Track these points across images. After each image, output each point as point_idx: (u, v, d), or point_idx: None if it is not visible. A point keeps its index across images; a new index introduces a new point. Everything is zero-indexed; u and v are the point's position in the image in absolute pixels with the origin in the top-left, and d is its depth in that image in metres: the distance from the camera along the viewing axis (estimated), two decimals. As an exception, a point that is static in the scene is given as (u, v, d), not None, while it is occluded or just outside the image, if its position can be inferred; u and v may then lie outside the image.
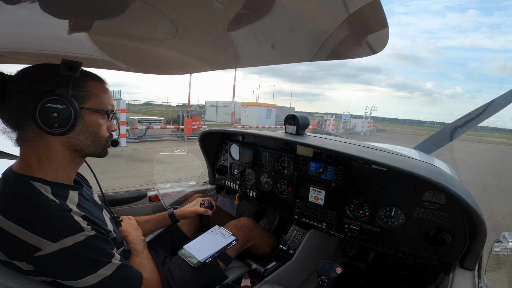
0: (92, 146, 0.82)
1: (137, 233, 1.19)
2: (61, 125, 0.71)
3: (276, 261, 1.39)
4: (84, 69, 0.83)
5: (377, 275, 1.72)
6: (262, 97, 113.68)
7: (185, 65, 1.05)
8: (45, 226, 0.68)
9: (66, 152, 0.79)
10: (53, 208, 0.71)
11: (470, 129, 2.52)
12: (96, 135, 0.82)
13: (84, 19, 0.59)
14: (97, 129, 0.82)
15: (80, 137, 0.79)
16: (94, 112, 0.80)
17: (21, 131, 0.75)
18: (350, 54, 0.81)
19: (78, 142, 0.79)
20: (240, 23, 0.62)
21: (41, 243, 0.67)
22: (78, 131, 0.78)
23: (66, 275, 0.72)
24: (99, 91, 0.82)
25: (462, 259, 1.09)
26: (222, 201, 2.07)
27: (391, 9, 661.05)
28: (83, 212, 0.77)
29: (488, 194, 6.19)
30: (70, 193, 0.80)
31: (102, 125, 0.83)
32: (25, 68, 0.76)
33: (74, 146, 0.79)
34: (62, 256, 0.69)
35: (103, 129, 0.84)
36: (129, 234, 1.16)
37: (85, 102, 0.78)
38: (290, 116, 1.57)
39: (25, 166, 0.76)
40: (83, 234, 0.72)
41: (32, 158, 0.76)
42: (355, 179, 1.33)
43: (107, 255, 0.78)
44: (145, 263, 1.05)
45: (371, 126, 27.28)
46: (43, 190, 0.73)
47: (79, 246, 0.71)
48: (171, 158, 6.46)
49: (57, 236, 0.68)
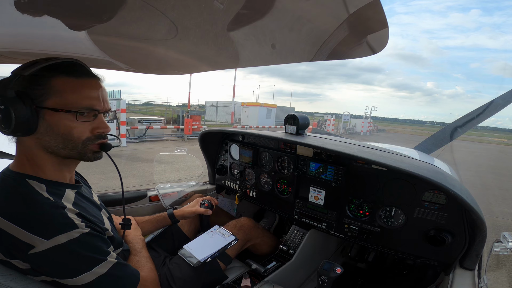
0: (65, 149, 0.76)
1: (135, 233, 1.19)
2: (6, 126, 0.69)
3: (276, 261, 1.39)
4: (65, 63, 0.75)
5: (377, 275, 1.72)
6: (262, 97, 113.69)
7: (185, 65, 1.05)
8: (38, 223, 0.68)
9: (42, 153, 0.76)
10: (46, 205, 0.71)
11: (470, 129, 2.52)
12: (66, 137, 0.75)
13: (84, 19, 0.59)
14: (67, 130, 0.74)
15: (47, 139, 0.74)
16: (56, 112, 0.72)
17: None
18: (350, 54, 0.81)
19: (47, 143, 0.74)
20: (240, 23, 0.62)
21: (34, 241, 0.66)
22: (43, 132, 0.73)
23: (60, 273, 0.72)
24: (67, 88, 0.73)
25: (462, 259, 1.09)
26: (222, 201, 2.07)
27: (391, 9, 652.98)
28: (78, 210, 0.77)
29: (488, 194, 6.19)
30: (66, 191, 0.79)
31: (75, 127, 0.75)
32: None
33: (45, 147, 0.75)
34: (55, 253, 0.68)
35: (76, 130, 0.75)
36: (128, 233, 1.15)
37: (44, 101, 0.71)
38: (290, 116, 1.57)
39: (19, 165, 0.76)
40: (77, 231, 0.71)
41: (21, 156, 0.77)
42: (355, 179, 1.33)
43: (102, 253, 0.77)
44: (143, 262, 1.04)
45: (371, 126, 27.28)
46: (38, 188, 0.73)
47: (73, 243, 0.70)
48: (171, 158, 6.46)
49: (51, 233, 0.68)
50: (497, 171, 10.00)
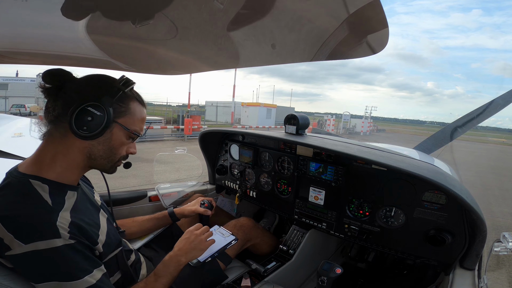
0: (105, 159, 0.83)
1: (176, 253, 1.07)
2: (89, 129, 0.74)
3: (276, 261, 1.39)
4: (135, 90, 0.87)
5: (377, 275, 1.72)
6: (262, 97, 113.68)
7: (185, 65, 1.05)
8: (22, 226, 0.67)
9: (81, 157, 0.80)
10: (39, 209, 0.70)
11: (470, 129, 2.52)
12: (114, 150, 0.83)
13: (84, 19, 0.59)
14: (118, 145, 0.83)
15: (100, 147, 0.80)
16: (123, 129, 0.82)
17: (54, 126, 0.77)
18: (350, 54, 0.81)
19: (96, 151, 0.80)
20: (240, 23, 0.62)
21: (13, 243, 0.66)
22: (101, 141, 0.79)
23: (30, 276, 0.69)
24: (137, 113, 0.85)
25: (462, 259, 1.09)
26: (222, 201, 2.06)
27: (391, 9, 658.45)
28: (74, 218, 0.74)
29: (488, 194, 6.19)
30: (68, 193, 0.79)
31: (124, 144, 0.85)
32: (89, 74, 0.83)
33: (91, 153, 0.80)
34: (31, 258, 0.67)
35: (122, 148, 0.85)
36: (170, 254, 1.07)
37: (120, 117, 0.80)
38: (290, 116, 1.57)
39: (34, 164, 0.76)
40: (60, 241, 0.69)
41: (47, 154, 0.77)
42: (355, 179, 1.33)
43: (78, 270, 0.72)
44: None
45: (371, 126, 27.29)
46: (40, 189, 0.72)
47: (50, 251, 0.67)
48: (171, 158, 6.46)
49: (30, 239, 0.66)
50: (497, 171, 10.00)
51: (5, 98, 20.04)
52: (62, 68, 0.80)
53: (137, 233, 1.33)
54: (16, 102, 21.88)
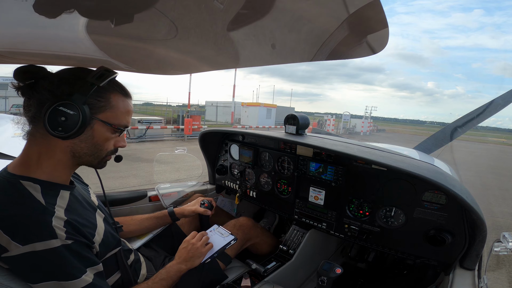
0: (91, 156, 0.80)
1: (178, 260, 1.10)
2: (64, 129, 0.70)
3: (276, 261, 1.39)
4: (117, 80, 0.82)
5: (377, 275, 1.72)
6: (262, 97, 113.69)
7: (185, 65, 1.05)
8: (18, 228, 0.66)
9: (66, 156, 0.78)
10: (34, 210, 0.69)
11: (470, 129, 2.53)
12: (98, 147, 0.80)
13: (84, 19, 0.59)
14: (102, 141, 0.80)
15: (83, 145, 0.78)
16: (105, 125, 0.78)
17: (33, 126, 0.75)
18: (350, 54, 0.81)
19: (79, 149, 0.78)
20: (240, 23, 0.62)
21: (10, 245, 0.65)
22: (83, 139, 0.77)
23: (26, 277, 0.69)
24: (119, 106, 0.81)
25: (462, 259, 1.09)
26: (222, 201, 2.06)
27: (391, 8, 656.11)
28: (68, 217, 0.74)
29: (488, 194, 6.19)
30: (61, 192, 0.77)
31: (108, 139, 0.81)
32: (65, 68, 0.78)
33: (75, 152, 0.78)
34: (28, 259, 0.66)
35: (108, 143, 0.82)
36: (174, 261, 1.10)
37: (100, 112, 0.77)
38: (290, 116, 1.57)
39: (21, 164, 0.75)
40: (56, 241, 0.68)
41: (33, 155, 0.75)
42: (355, 179, 1.33)
43: (75, 270, 0.72)
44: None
45: (371, 126, 27.29)
46: (32, 190, 0.71)
47: (48, 252, 0.67)
48: (171, 158, 6.45)
49: (28, 240, 0.66)
50: (497, 171, 10.00)
51: (5, 98, 20.01)
52: (33, 65, 0.76)
53: (136, 232, 1.33)
54: (16, 102, 21.85)
